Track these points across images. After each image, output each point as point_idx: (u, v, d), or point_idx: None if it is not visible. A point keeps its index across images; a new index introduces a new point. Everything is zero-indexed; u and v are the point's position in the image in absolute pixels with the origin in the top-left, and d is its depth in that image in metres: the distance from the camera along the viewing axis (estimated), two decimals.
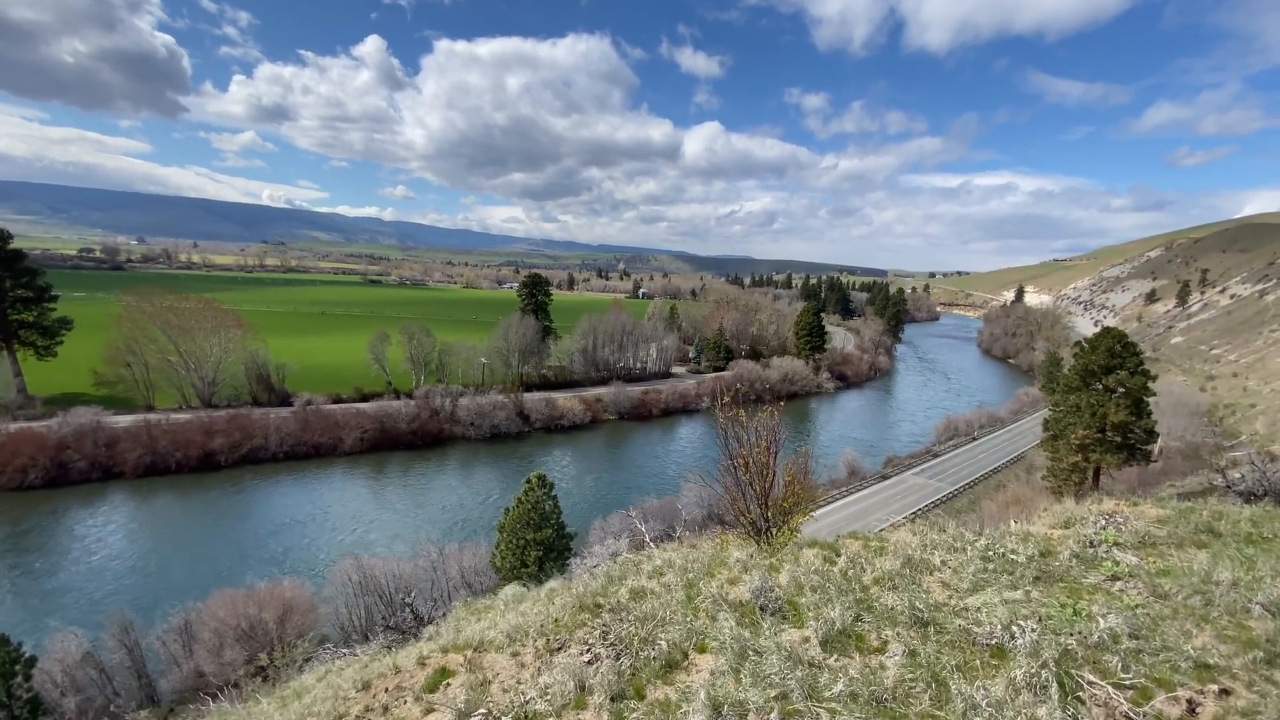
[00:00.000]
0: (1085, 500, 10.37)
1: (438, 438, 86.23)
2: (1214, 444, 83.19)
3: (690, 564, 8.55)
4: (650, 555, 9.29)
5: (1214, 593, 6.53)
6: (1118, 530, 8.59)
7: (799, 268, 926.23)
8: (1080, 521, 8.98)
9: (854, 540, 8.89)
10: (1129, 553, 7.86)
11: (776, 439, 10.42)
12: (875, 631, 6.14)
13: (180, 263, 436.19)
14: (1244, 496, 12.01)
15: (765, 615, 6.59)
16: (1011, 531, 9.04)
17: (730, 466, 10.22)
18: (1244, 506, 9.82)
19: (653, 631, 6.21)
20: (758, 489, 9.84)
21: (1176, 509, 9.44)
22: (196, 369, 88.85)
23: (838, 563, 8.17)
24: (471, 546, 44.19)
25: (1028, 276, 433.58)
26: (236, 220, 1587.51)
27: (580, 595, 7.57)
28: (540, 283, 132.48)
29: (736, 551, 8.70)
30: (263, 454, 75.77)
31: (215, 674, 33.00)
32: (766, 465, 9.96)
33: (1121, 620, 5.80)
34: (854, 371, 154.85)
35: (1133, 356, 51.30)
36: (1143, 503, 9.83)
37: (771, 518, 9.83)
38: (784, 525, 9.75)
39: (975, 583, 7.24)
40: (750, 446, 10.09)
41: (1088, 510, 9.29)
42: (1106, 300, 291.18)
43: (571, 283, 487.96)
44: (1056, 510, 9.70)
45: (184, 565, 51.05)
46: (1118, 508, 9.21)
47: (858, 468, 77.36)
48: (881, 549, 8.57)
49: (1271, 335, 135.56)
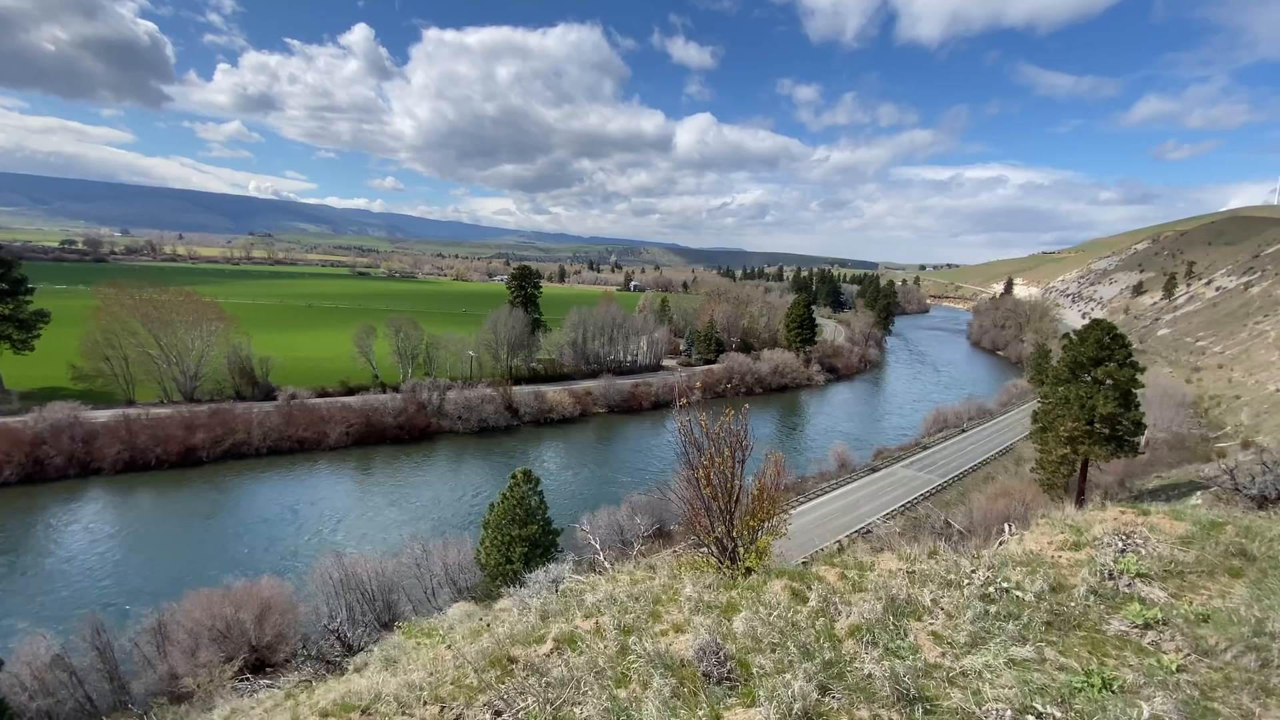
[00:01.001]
0: (1086, 505, 9.55)
1: (425, 432, 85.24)
2: (1200, 435, 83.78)
3: (636, 599, 7.46)
4: (594, 585, 8.17)
5: (1271, 650, 5.44)
6: (1138, 555, 7.39)
7: (790, 260, 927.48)
8: (1093, 543, 7.87)
9: (830, 569, 7.71)
10: (1155, 586, 6.73)
11: (744, 444, 9.21)
12: (847, 713, 4.93)
13: (165, 255, 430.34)
14: (1256, 501, 11.37)
15: (708, 684, 5.44)
16: (1014, 557, 7.76)
17: (691, 479, 9.03)
18: (1260, 513, 9.16)
19: (561, 708, 5.13)
20: (721, 504, 8.65)
21: (1198, 523, 8.28)
22: (178, 362, 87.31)
23: (808, 601, 6.95)
24: (456, 543, 43.48)
25: (1017, 269, 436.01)
26: (222, 212, 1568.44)
27: (499, 641, 6.57)
28: (529, 275, 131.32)
29: (690, 585, 7.49)
30: (246, 449, 74.56)
31: (190, 676, 32.20)
32: (731, 477, 8.83)
33: (1169, 704, 4.65)
34: (844, 364, 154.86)
35: (1121, 349, 51.19)
36: (1154, 511, 8.79)
37: (738, 536, 8.68)
38: (751, 547, 8.52)
39: (975, 633, 6.04)
40: (712, 456, 8.89)
41: (1094, 521, 8.24)
42: (1094, 293, 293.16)
43: (562, 275, 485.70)
44: (1056, 518, 8.82)
45: (162, 564, 50.02)
46: (1130, 521, 8.22)
47: (847, 460, 77.23)
48: (861, 582, 7.33)
49: (1256, 327, 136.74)
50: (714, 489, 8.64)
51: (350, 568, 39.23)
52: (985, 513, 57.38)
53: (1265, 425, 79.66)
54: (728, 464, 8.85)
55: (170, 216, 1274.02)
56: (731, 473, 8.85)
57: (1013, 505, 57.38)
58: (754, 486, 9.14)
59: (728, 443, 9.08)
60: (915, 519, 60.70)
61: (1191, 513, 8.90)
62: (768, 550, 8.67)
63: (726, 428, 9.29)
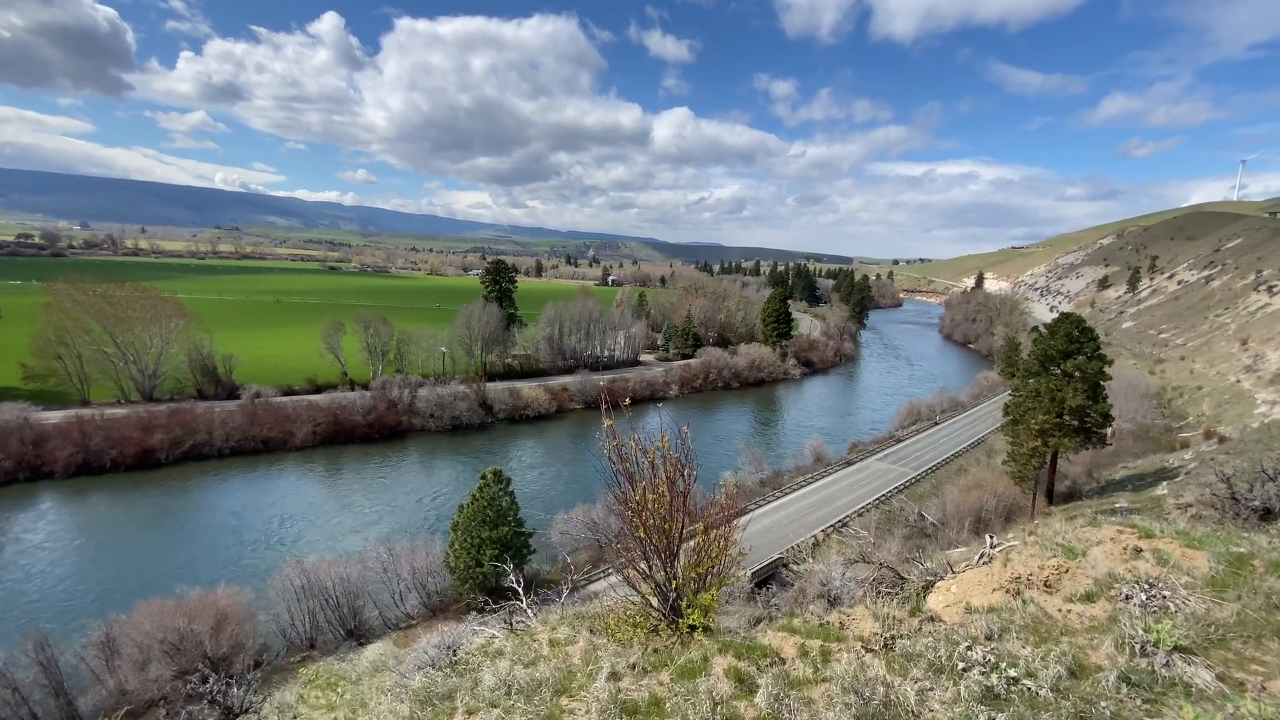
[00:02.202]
0: (1076, 521, 8.65)
1: (395, 430, 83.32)
2: (1163, 426, 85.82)
3: (537, 688, 5.87)
4: (496, 655, 6.68)
5: None
6: (1167, 612, 5.93)
7: (768, 255, 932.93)
8: (1107, 592, 6.32)
9: (788, 639, 6.05)
10: (1199, 664, 5.34)
11: (688, 470, 7.31)
12: None
13: (126, 249, 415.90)
14: (1258, 513, 10.87)
15: None
16: (1019, 623, 6.08)
17: (622, 514, 7.19)
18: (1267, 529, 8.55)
19: None
20: (659, 545, 6.86)
21: (1221, 556, 6.97)
22: (135, 361, 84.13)
23: (755, 697, 5.43)
24: (424, 545, 42.28)
25: (987, 263, 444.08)
26: (187, 204, 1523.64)
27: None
28: (504, 269, 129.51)
29: (608, 660, 5.97)
30: (207, 450, 72.08)
31: (139, 691, 30.70)
32: (671, 513, 6.93)
33: None
34: (820, 358, 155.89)
35: (1090, 342, 51.81)
36: (1160, 534, 7.48)
37: (682, 587, 6.86)
38: (696, 599, 6.62)
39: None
40: (645, 490, 6.96)
41: (1088, 541, 7.20)
42: (1062, 286, 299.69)
43: (539, 270, 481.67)
44: (1046, 536, 7.77)
45: (114, 572, 47.86)
46: (1131, 544, 7.00)
47: (823, 454, 77.45)
48: (825, 663, 5.81)
49: (1217, 320, 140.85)
50: (648, 530, 6.88)
51: (313, 573, 37.86)
52: (958, 505, 57.92)
53: (1226, 415, 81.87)
54: (665, 503, 6.95)
55: (132, 209, 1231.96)
56: (671, 508, 7.01)
57: (985, 497, 58.08)
58: (701, 526, 7.30)
59: (666, 470, 7.25)
60: (889, 512, 61.03)
61: (1206, 538, 7.56)
62: (715, 605, 6.84)
63: (665, 453, 7.44)
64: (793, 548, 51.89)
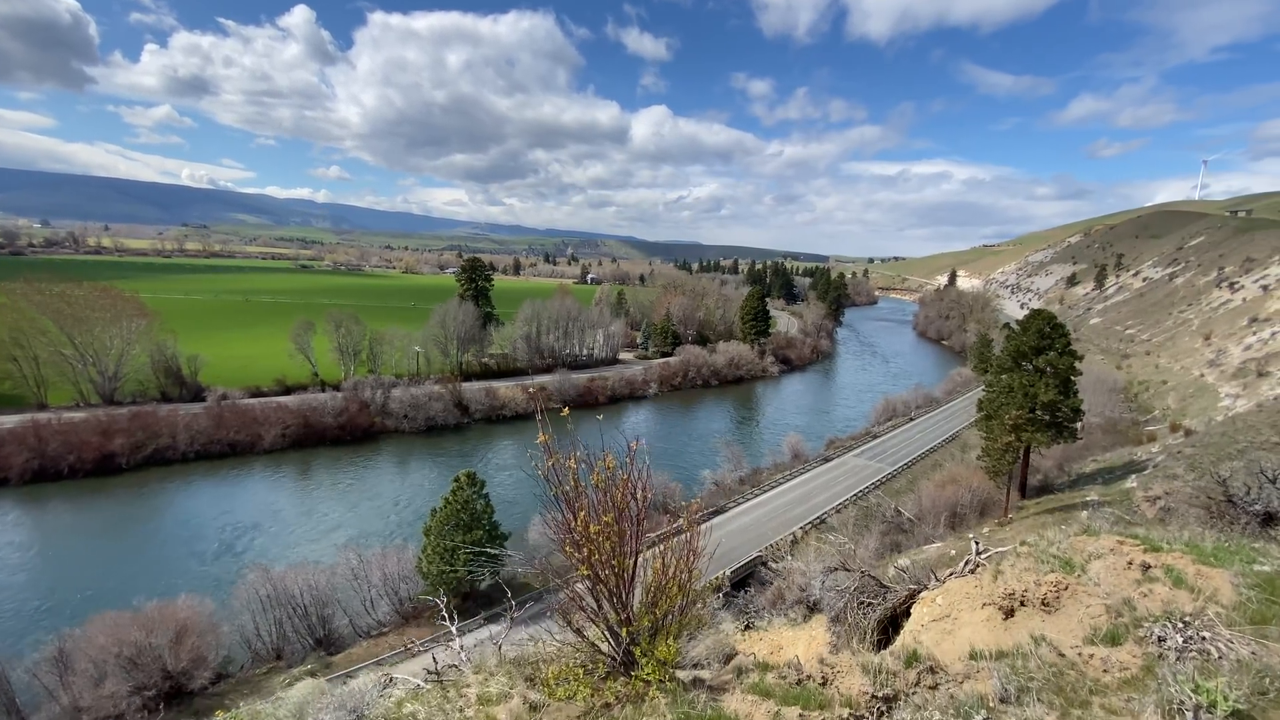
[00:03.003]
0: (1068, 528, 8.02)
1: (368, 432, 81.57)
2: (1130, 419, 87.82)
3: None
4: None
5: None
6: (1212, 661, 4.80)
7: (746, 253, 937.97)
8: (1135, 632, 5.26)
9: (759, 705, 4.93)
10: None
11: (641, 494, 6.02)
12: None
13: (89, 247, 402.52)
14: (1259, 518, 10.54)
15: None
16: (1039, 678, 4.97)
17: (562, 547, 5.90)
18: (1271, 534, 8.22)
19: None
20: (609, 585, 5.70)
21: (1247, 578, 5.93)
22: (95, 363, 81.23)
23: None
24: (396, 551, 41.20)
25: (960, 261, 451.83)
26: (153, 201, 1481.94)
27: None
28: (480, 267, 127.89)
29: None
30: (171, 454, 69.80)
31: (95, 708, 29.34)
32: (622, 546, 5.69)
33: None
34: (797, 355, 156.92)
35: (1061, 337, 52.59)
36: (1167, 547, 6.60)
37: (636, 632, 5.68)
38: (652, 649, 5.46)
39: None
40: (588, 520, 5.71)
41: (1086, 552, 6.58)
42: (1032, 284, 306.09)
43: (518, 268, 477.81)
44: (1039, 546, 7.15)
45: (69, 584, 45.84)
46: (1136, 558, 6.27)
47: (801, 451, 77.72)
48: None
49: (1180, 316, 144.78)
50: (593, 568, 5.67)
51: (279, 581, 36.65)
52: (934, 500, 58.51)
53: (1190, 409, 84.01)
54: (613, 534, 5.67)
55: (95, 206, 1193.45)
56: (622, 541, 5.75)
57: (960, 492, 58.72)
58: (655, 564, 6.06)
59: (615, 495, 5.97)
60: (867, 508, 61.37)
61: (1220, 552, 6.56)
62: (676, 655, 5.61)
63: (612, 473, 6.13)
64: (771, 545, 51.80)
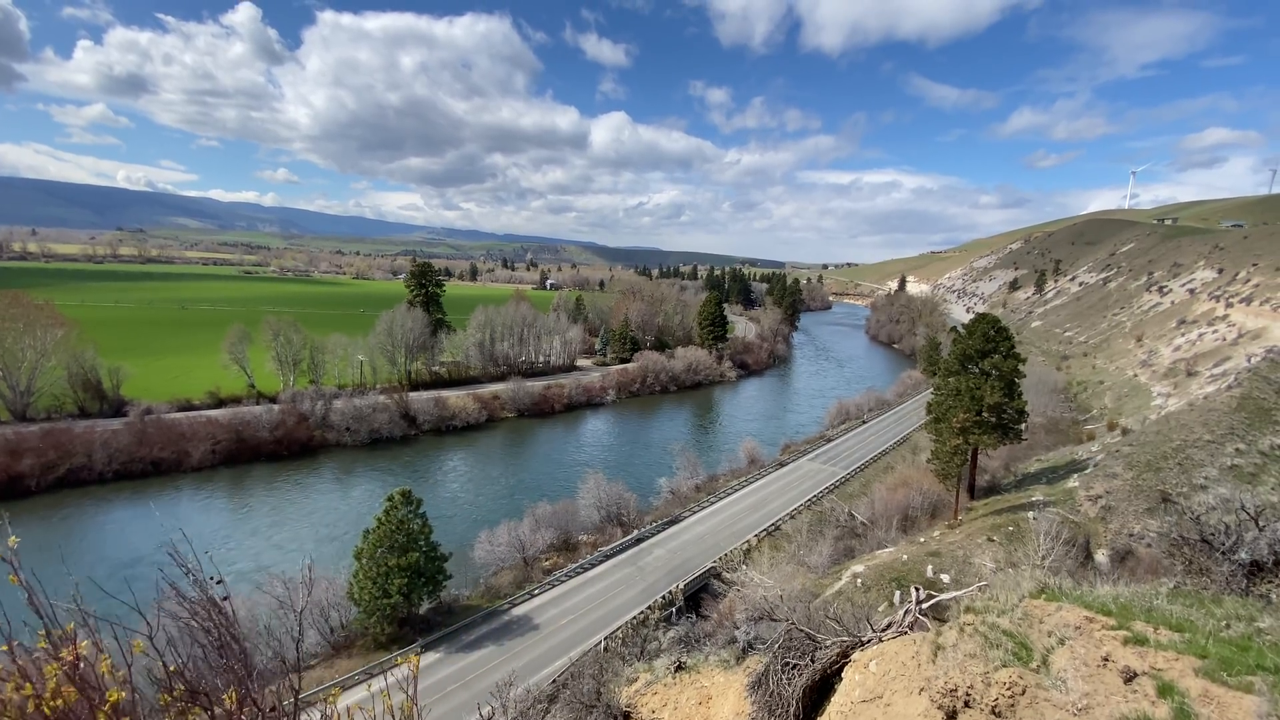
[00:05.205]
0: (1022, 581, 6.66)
1: (307, 446, 77.33)
2: (1071, 419, 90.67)
3: None
4: None
5: None
6: None
7: (705, 259, 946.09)
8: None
9: None
10: None
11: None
12: None
13: (14, 252, 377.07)
14: (1244, 567, 9.15)
15: None
16: None
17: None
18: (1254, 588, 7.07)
19: None
20: None
21: (1276, 699, 4.75)
22: (4, 376, 74.83)
23: None
24: (326, 577, 38.40)
25: (909, 267, 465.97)
26: (85, 204, 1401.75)
27: None
28: (430, 272, 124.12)
29: None
30: (86, 474, 64.61)
31: None
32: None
33: None
34: (755, 359, 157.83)
35: (1005, 341, 53.39)
36: (1139, 614, 5.54)
37: None
38: None
39: None
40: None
41: (1041, 632, 5.30)
42: (976, 289, 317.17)
43: (474, 273, 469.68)
44: (986, 619, 5.89)
45: None
46: (1102, 638, 5.09)
47: (757, 456, 77.41)
48: None
49: (1114, 318, 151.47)
50: None
51: None
52: (886, 503, 58.75)
53: (1126, 408, 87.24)
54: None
55: (23, 209, 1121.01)
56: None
57: (911, 495, 59.11)
58: None
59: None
60: (821, 513, 61.11)
61: (1225, 651, 5.31)
62: None
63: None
64: (724, 556, 50.82)
